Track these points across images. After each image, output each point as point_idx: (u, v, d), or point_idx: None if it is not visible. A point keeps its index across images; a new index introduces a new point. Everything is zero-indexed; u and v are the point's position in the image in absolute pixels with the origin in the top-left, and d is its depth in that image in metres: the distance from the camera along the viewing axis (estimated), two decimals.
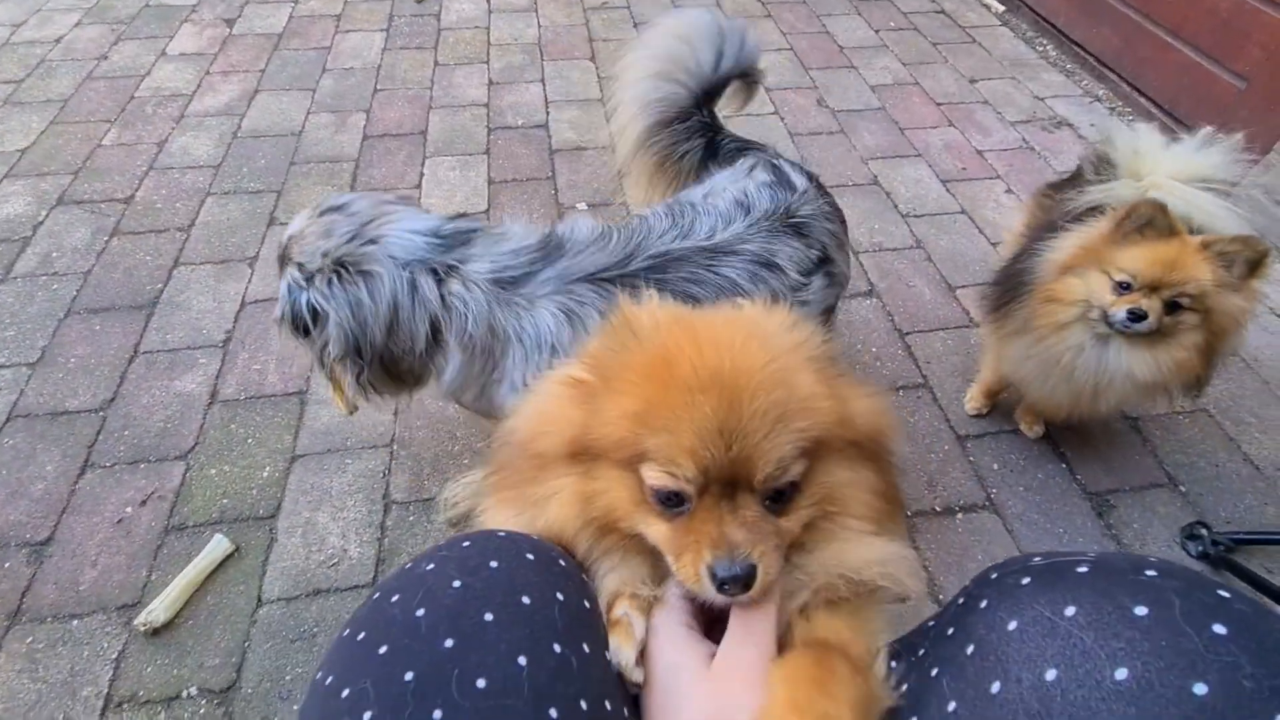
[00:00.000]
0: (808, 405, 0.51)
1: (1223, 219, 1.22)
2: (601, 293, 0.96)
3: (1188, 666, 0.35)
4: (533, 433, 0.58)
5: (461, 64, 2.66)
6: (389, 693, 0.41)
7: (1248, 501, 1.43)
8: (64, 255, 1.86)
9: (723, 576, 0.48)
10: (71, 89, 2.46)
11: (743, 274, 0.99)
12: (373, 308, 0.96)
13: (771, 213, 1.06)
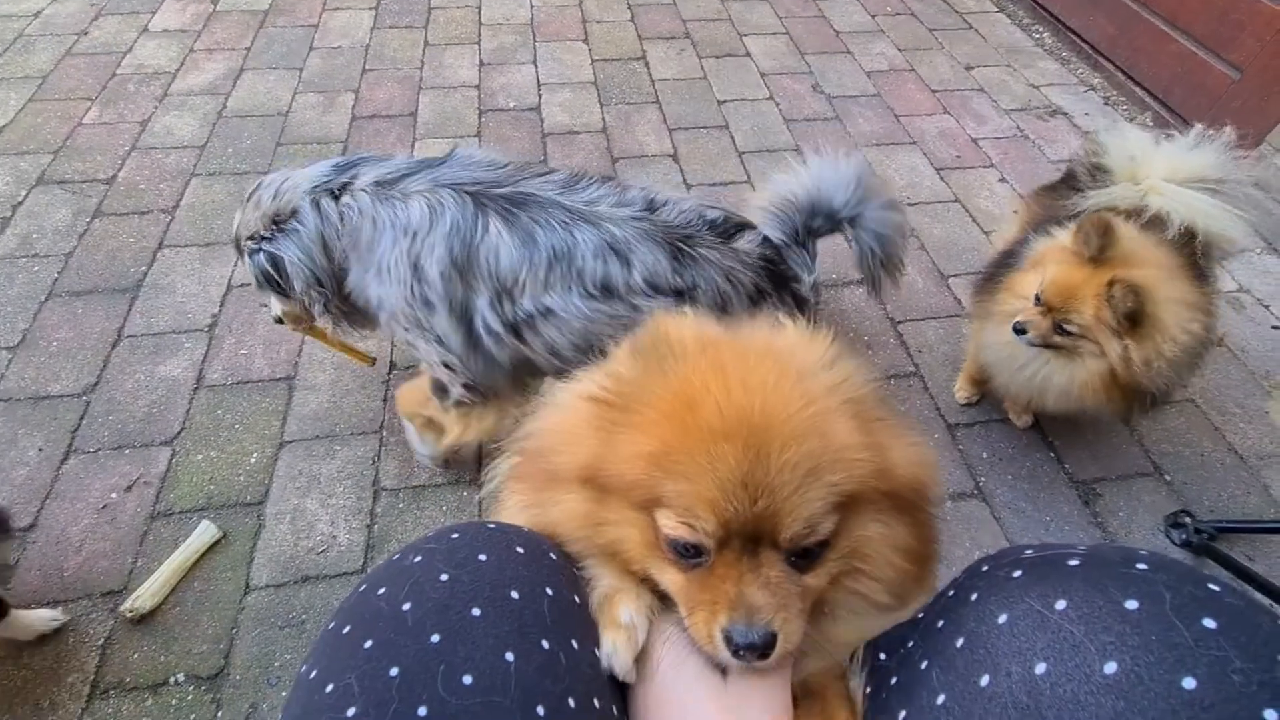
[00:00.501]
0: (843, 457, 0.47)
1: (1218, 219, 1.21)
2: (458, 199, 1.04)
3: (1177, 660, 0.35)
4: (548, 447, 0.55)
5: (452, 44, 2.62)
6: (374, 688, 0.41)
7: (1231, 490, 1.45)
8: (44, 236, 1.82)
9: (740, 644, 0.45)
10: (51, 65, 2.40)
11: (587, 245, 1.02)
12: (306, 235, 1.08)
13: (669, 225, 1.06)
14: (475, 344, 1.09)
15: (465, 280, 1.04)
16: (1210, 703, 0.34)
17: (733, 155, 2.21)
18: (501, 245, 1.02)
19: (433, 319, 1.07)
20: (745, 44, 2.70)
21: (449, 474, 1.42)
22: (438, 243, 1.03)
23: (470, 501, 1.38)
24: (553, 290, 1.02)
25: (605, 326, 1.04)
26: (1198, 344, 1.16)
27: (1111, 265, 1.12)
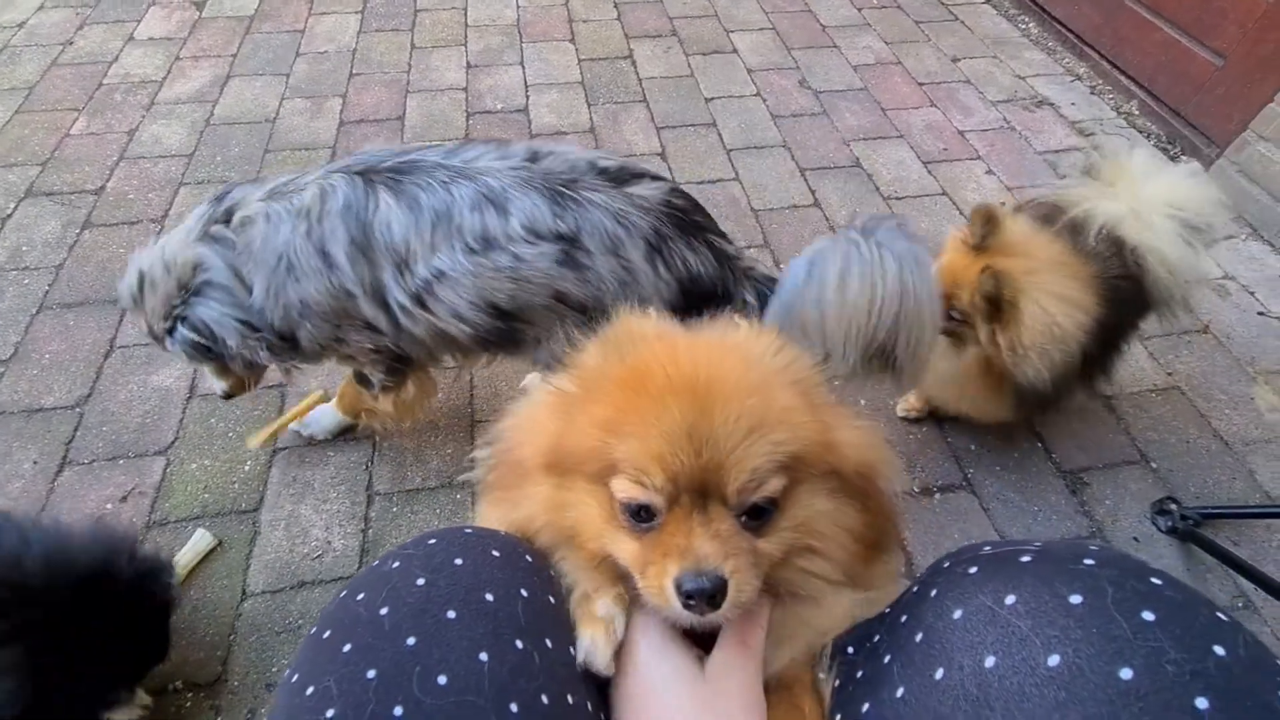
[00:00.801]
0: (786, 419, 0.48)
1: (1170, 252, 1.20)
2: (348, 179, 1.03)
3: (1116, 652, 0.36)
4: (515, 440, 0.58)
5: (439, 46, 2.62)
6: (351, 691, 0.42)
7: (1216, 476, 1.46)
8: (34, 249, 1.83)
9: (688, 589, 0.45)
10: (37, 76, 2.40)
11: (464, 200, 1.00)
12: (216, 281, 1.06)
13: (550, 172, 1.04)
14: (396, 324, 1.08)
15: (369, 259, 1.03)
16: (1145, 692, 0.35)
17: (720, 153, 2.22)
18: (392, 216, 1.01)
19: (359, 306, 1.06)
20: (732, 40, 2.71)
21: (441, 477, 1.43)
22: (336, 225, 1.01)
23: (463, 504, 1.39)
24: (439, 251, 1.01)
25: (493, 280, 1.02)
26: (1067, 340, 1.15)
27: (992, 254, 1.16)
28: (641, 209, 1.03)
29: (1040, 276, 1.15)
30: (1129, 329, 1.34)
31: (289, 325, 1.09)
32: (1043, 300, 1.14)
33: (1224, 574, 1.31)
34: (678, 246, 1.04)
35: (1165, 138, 2.33)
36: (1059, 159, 2.25)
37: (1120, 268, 1.22)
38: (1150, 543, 1.36)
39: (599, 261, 1.02)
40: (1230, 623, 0.39)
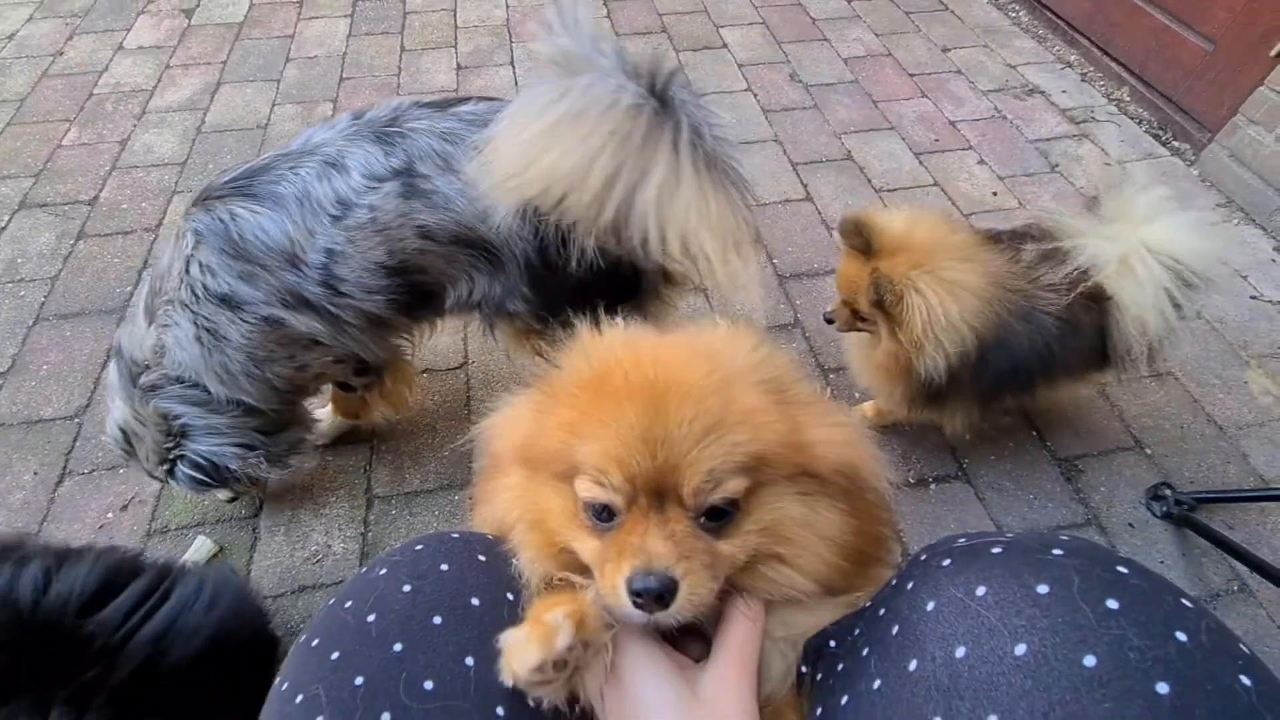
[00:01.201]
0: (747, 420, 0.48)
1: (1147, 308, 1.14)
2: (195, 218, 1.04)
3: (1080, 640, 0.37)
4: (494, 435, 0.60)
5: (429, 49, 2.61)
6: (339, 697, 0.43)
7: (1210, 461, 1.47)
8: (29, 261, 1.83)
9: (637, 588, 0.45)
10: (28, 87, 2.40)
11: (311, 174, 1.02)
12: (191, 419, 1.11)
13: (374, 120, 1.06)
14: (332, 321, 1.09)
15: (262, 267, 1.02)
16: (1108, 679, 0.35)
17: None
18: (259, 220, 1.01)
19: (289, 327, 1.07)
20: (722, 35, 2.71)
21: (439, 479, 1.44)
22: (213, 261, 1.01)
23: (461, 506, 1.40)
24: (316, 233, 1.02)
25: (364, 240, 1.03)
26: (957, 326, 1.13)
27: (881, 255, 1.17)
28: (469, 122, 1.04)
29: (925, 267, 1.14)
30: (1061, 367, 1.25)
31: (261, 386, 1.11)
32: (926, 292, 1.13)
33: (1219, 558, 1.32)
34: None
35: (1156, 124, 2.33)
36: (1050, 147, 2.25)
37: (1069, 311, 1.18)
38: (1145, 528, 1.37)
39: (439, 182, 1.03)
40: (1194, 609, 0.39)
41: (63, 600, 0.65)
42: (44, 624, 0.64)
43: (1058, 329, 1.18)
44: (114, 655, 0.64)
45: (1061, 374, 1.27)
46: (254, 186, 1.02)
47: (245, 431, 1.13)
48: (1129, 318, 1.15)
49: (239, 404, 1.12)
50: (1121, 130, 2.32)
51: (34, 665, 0.63)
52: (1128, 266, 1.14)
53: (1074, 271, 1.16)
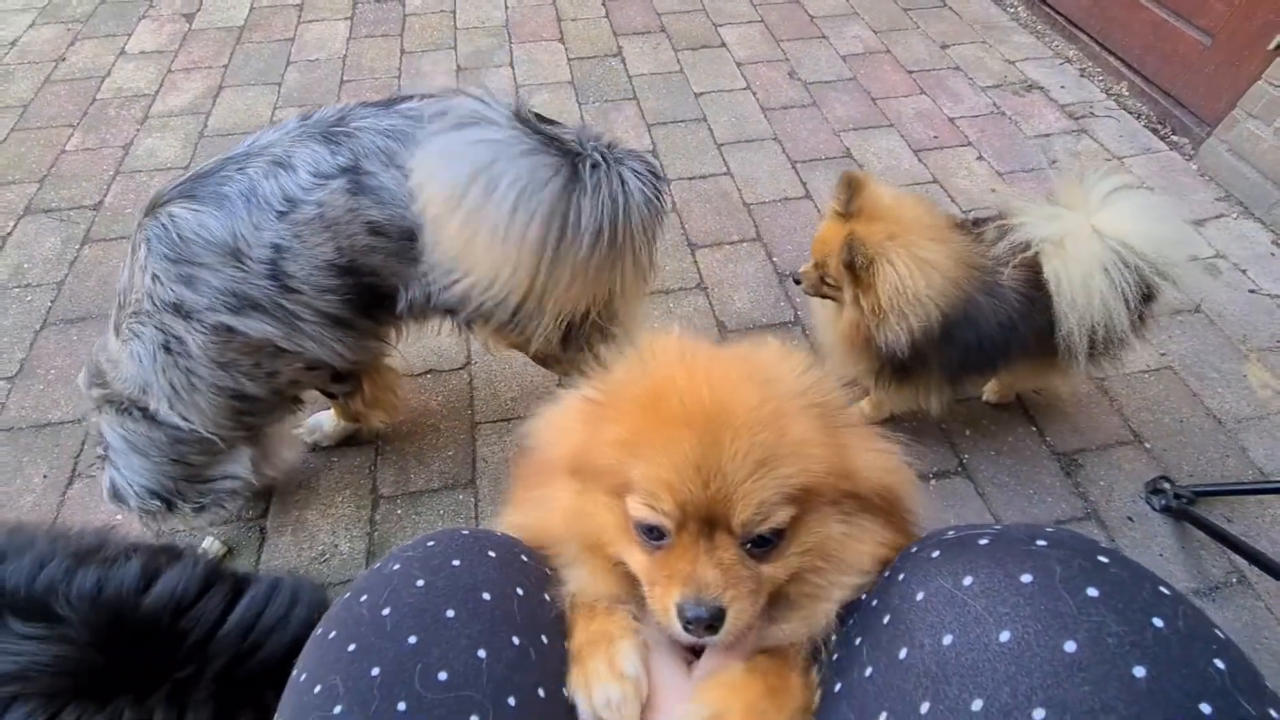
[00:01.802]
0: (798, 451, 0.50)
1: (1079, 288, 1.13)
2: (144, 228, 1.04)
3: (1061, 627, 0.39)
4: (543, 441, 0.60)
5: (429, 50, 2.63)
6: (357, 688, 0.44)
7: (1209, 454, 1.48)
8: (35, 266, 1.85)
9: (689, 616, 0.48)
10: (31, 93, 2.42)
11: (259, 173, 1.02)
12: (115, 451, 1.15)
13: (321, 121, 1.07)
14: (288, 322, 1.09)
15: (200, 265, 1.01)
16: (1087, 663, 0.37)
17: (711, 147, 2.23)
18: (202, 219, 1.01)
19: (242, 335, 1.07)
20: (721, 34, 2.71)
21: (445, 478, 1.45)
22: (159, 268, 1.01)
23: (466, 504, 1.42)
24: (262, 228, 1.02)
25: (312, 236, 1.03)
26: (922, 303, 1.15)
27: (861, 220, 1.18)
28: (413, 119, 1.05)
29: (900, 240, 1.16)
30: (1020, 344, 1.24)
31: (221, 402, 1.11)
32: (898, 263, 1.14)
33: (1218, 551, 1.33)
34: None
35: (1155, 118, 2.33)
36: (1050, 143, 2.26)
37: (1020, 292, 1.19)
38: (1144, 521, 1.38)
39: (384, 178, 1.04)
40: (1171, 596, 0.41)
41: (164, 600, 0.67)
42: (144, 622, 0.66)
43: (1019, 305, 1.20)
44: (205, 653, 0.66)
45: (1020, 352, 1.27)
46: (197, 189, 1.03)
47: (161, 478, 1.14)
48: (1058, 294, 1.15)
49: (174, 437, 1.11)
50: (1120, 125, 2.32)
51: (135, 663, 0.65)
52: (1060, 245, 1.14)
53: (1012, 247, 1.17)
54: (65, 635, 0.64)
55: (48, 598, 0.65)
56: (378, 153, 1.04)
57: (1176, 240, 1.16)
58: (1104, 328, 1.14)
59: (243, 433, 1.19)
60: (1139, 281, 1.13)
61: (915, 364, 1.24)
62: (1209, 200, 2.05)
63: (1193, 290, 1.78)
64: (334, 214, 1.03)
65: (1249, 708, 0.35)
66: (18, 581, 0.66)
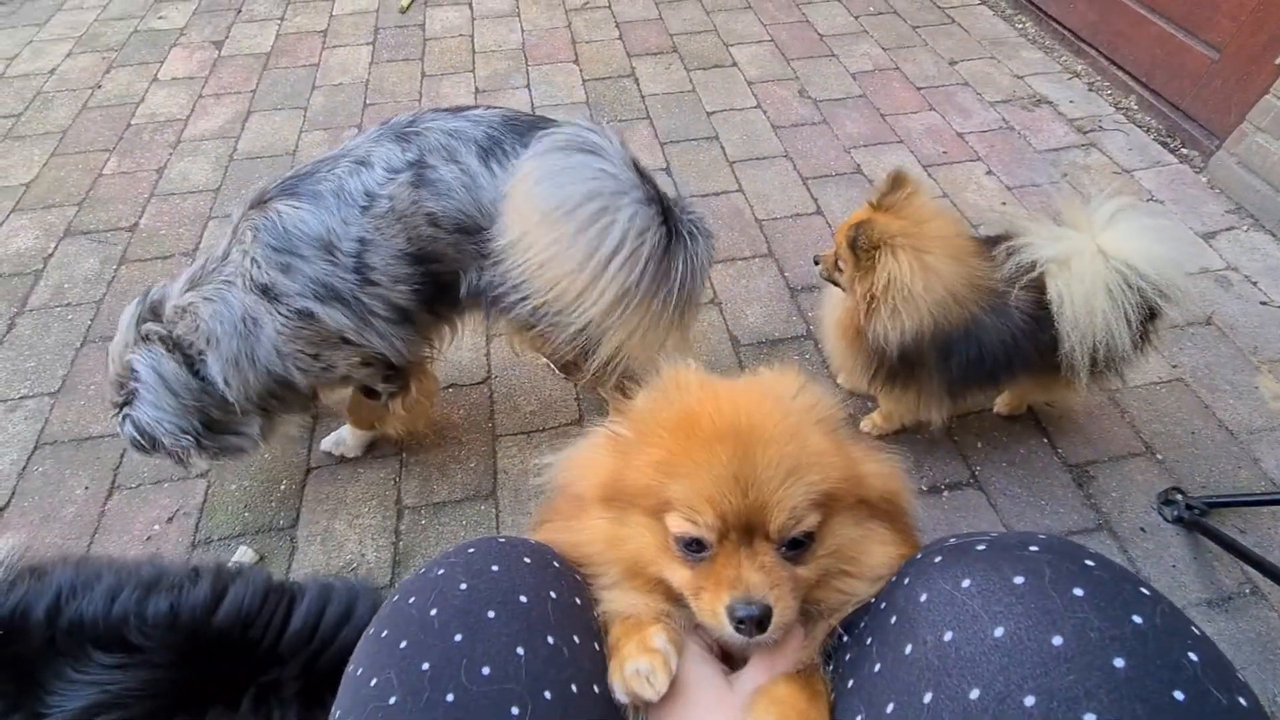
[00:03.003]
0: (819, 461, 0.55)
1: (1082, 307, 1.14)
2: (251, 220, 1.14)
3: (1050, 623, 0.43)
4: (573, 477, 0.65)
5: (448, 73, 2.71)
6: (409, 680, 0.48)
7: (1222, 466, 1.49)
8: (75, 286, 1.93)
9: (740, 615, 0.52)
10: (69, 120, 2.52)
11: (345, 170, 1.15)
12: (145, 386, 1.16)
13: (397, 124, 1.19)
14: (361, 316, 1.18)
15: (300, 256, 1.12)
16: (1072, 655, 0.41)
17: (724, 165, 2.28)
18: (301, 214, 1.12)
19: (320, 322, 1.15)
20: (732, 54, 2.77)
21: (466, 489, 1.50)
22: (262, 256, 1.11)
23: (487, 515, 1.46)
24: (349, 223, 1.13)
25: (389, 227, 1.14)
26: (916, 303, 1.18)
27: (885, 213, 1.21)
28: (474, 121, 1.18)
29: (912, 240, 1.18)
30: (1022, 361, 1.27)
31: (270, 379, 1.19)
32: (901, 256, 1.17)
33: (1231, 562, 1.34)
34: (512, 146, 1.16)
35: (1164, 131, 2.35)
36: (1059, 157, 2.28)
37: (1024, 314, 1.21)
38: (1157, 533, 1.39)
39: (443, 171, 1.14)
40: (1151, 595, 0.44)
41: (232, 616, 0.72)
42: (218, 638, 0.71)
43: (1024, 323, 1.22)
44: (277, 657, 0.71)
45: (1023, 369, 1.29)
46: (298, 187, 1.15)
47: (188, 418, 1.18)
48: (1061, 313, 1.17)
49: (205, 390, 1.18)
50: (1129, 139, 2.34)
51: (216, 676, 0.70)
52: (1065, 265, 1.17)
53: (1018, 268, 1.19)
54: (148, 660, 0.69)
55: (122, 627, 0.70)
56: (440, 149, 1.15)
57: (1180, 261, 1.18)
58: (1105, 346, 1.17)
59: (262, 411, 1.26)
60: (1141, 302, 1.15)
61: (910, 370, 1.27)
62: (1219, 213, 2.06)
63: (1203, 303, 1.79)
64: (402, 206, 1.13)
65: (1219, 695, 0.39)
66: (95, 614, 0.70)
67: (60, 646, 0.69)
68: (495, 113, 1.20)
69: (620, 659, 0.55)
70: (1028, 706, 0.40)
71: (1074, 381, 1.26)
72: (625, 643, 0.56)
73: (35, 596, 0.71)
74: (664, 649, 0.55)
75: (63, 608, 0.70)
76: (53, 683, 0.66)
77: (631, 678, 0.53)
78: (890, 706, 0.46)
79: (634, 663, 0.54)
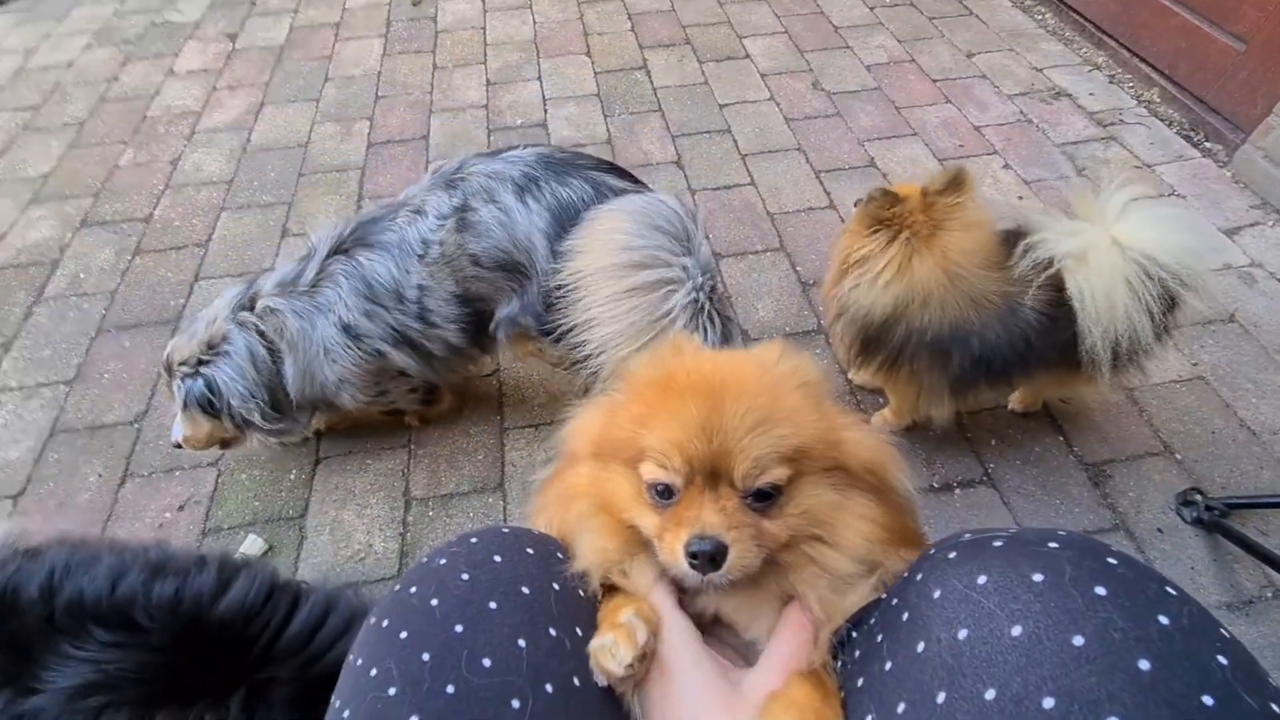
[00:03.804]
0: (791, 417, 0.56)
1: (1103, 302, 1.11)
2: (337, 260, 1.27)
3: (1070, 622, 0.41)
4: (570, 436, 0.68)
5: (460, 66, 2.71)
6: (409, 671, 0.48)
7: (1243, 466, 1.45)
8: (91, 275, 1.95)
9: (694, 550, 0.52)
10: (86, 112, 2.55)
11: (403, 220, 1.26)
12: (236, 354, 1.25)
13: (446, 174, 1.30)
14: (425, 355, 1.32)
15: (380, 306, 1.26)
16: (1094, 656, 0.39)
17: (736, 158, 2.26)
18: (376, 264, 1.25)
19: (388, 360, 1.30)
20: (745, 46, 2.75)
21: (474, 481, 1.50)
22: (351, 301, 1.24)
23: (495, 507, 1.46)
24: (410, 271, 1.24)
25: (440, 271, 1.25)
26: (860, 303, 1.22)
27: (923, 205, 1.19)
28: (511, 162, 1.27)
29: (920, 239, 1.16)
30: (1039, 361, 1.24)
31: (323, 395, 1.32)
32: (891, 245, 1.16)
33: (1251, 565, 1.30)
34: (548, 184, 1.25)
35: (1188, 125, 2.30)
36: (1078, 150, 2.24)
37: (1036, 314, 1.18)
38: (1174, 533, 1.36)
39: (484, 213, 1.24)
40: (1178, 596, 0.42)
41: (236, 607, 0.72)
42: (219, 629, 0.71)
43: (1038, 323, 1.19)
44: (272, 656, 0.71)
45: (1039, 368, 1.27)
46: (369, 236, 1.27)
47: (260, 392, 1.27)
48: (1081, 309, 1.14)
49: (278, 380, 1.28)
50: (1151, 132, 2.29)
51: (211, 667, 0.69)
52: (1083, 259, 1.13)
53: (1035, 265, 1.16)
54: (148, 642, 0.69)
55: (128, 607, 0.70)
56: (481, 191, 1.25)
57: (1199, 249, 1.14)
58: (1128, 340, 1.14)
59: (311, 409, 1.38)
60: (1163, 293, 1.12)
61: (897, 359, 1.26)
62: (1244, 208, 2.01)
63: (1226, 299, 1.75)
64: (449, 250, 1.25)
65: (1250, 701, 0.37)
66: (98, 592, 0.70)
67: (59, 624, 0.69)
68: (531, 151, 1.30)
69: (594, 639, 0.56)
70: (1046, 709, 0.38)
71: (1094, 377, 1.23)
72: (601, 625, 0.57)
73: (27, 575, 0.71)
74: (629, 622, 0.55)
75: (58, 585, 0.70)
76: (48, 658, 0.66)
77: (597, 651, 0.54)
78: (901, 706, 0.45)
79: (599, 638, 0.55)
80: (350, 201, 2.15)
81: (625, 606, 0.57)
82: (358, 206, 2.14)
